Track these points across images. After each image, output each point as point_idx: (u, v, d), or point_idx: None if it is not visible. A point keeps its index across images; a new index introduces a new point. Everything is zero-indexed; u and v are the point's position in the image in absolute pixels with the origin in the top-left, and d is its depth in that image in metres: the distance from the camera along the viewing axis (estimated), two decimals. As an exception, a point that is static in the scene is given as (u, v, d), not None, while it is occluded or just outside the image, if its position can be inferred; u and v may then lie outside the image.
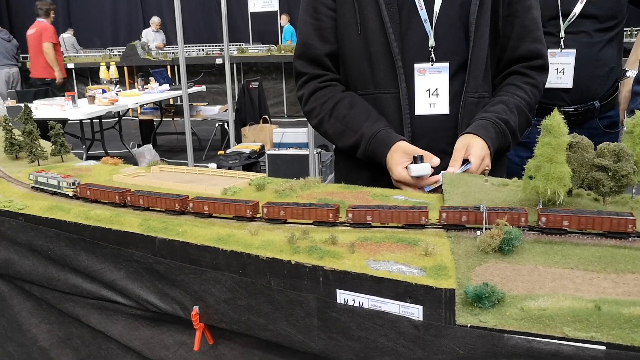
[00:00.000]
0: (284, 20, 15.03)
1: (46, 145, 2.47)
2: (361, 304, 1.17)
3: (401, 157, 1.89)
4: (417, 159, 1.82)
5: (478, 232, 1.25)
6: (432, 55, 2.01)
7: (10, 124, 2.46)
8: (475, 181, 1.53)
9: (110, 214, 1.60)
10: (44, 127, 2.46)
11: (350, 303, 1.18)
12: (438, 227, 1.32)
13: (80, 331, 1.77)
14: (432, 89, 2.03)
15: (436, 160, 1.84)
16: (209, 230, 1.45)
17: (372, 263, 1.18)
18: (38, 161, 2.36)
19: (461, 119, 2.02)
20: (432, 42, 2.01)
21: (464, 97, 2.02)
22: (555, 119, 1.27)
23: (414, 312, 1.11)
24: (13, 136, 2.47)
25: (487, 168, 1.80)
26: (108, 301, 1.61)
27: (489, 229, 1.21)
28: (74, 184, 1.77)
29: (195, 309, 1.42)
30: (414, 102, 2.05)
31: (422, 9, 2.00)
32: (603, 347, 0.96)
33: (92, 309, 1.68)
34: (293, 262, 1.24)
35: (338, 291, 1.19)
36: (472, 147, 1.86)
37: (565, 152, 1.28)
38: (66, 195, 1.79)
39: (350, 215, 1.36)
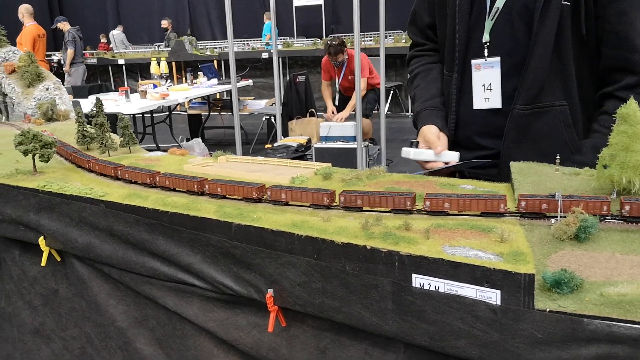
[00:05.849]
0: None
1: (115, 138, 2.59)
2: (437, 288, 1.20)
3: (420, 140, 2.13)
4: (412, 144, 2.08)
5: (552, 220, 1.26)
6: (485, 51, 2.02)
7: (82, 117, 2.59)
8: (545, 170, 1.53)
9: (187, 201, 1.68)
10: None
11: (426, 287, 1.21)
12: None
13: (156, 312, 1.86)
14: (486, 84, 2.04)
15: (439, 149, 2.02)
16: (282, 216, 1.51)
17: (448, 249, 1.21)
18: (109, 152, 2.48)
19: (507, 131, 1.97)
20: (485, 38, 2.01)
21: (512, 110, 1.95)
22: (631, 108, 1.27)
23: (492, 296, 1.13)
24: (85, 128, 2.60)
25: None
26: (184, 284, 1.69)
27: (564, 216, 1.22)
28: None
29: (270, 292, 1.47)
30: (464, 94, 2.12)
31: (488, 4, 2.00)
32: (687, 333, 0.97)
33: (168, 291, 1.76)
34: (368, 247, 1.28)
35: (414, 275, 1.22)
36: None
37: (641, 140, 1.28)
38: None
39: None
